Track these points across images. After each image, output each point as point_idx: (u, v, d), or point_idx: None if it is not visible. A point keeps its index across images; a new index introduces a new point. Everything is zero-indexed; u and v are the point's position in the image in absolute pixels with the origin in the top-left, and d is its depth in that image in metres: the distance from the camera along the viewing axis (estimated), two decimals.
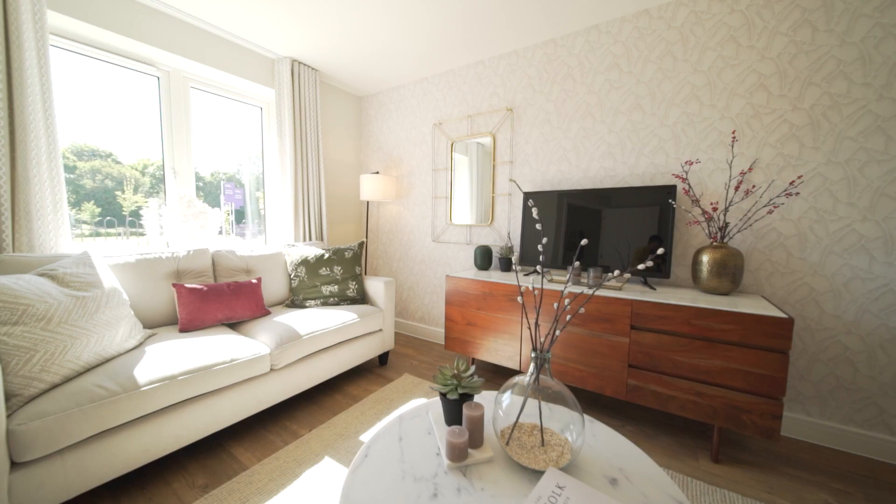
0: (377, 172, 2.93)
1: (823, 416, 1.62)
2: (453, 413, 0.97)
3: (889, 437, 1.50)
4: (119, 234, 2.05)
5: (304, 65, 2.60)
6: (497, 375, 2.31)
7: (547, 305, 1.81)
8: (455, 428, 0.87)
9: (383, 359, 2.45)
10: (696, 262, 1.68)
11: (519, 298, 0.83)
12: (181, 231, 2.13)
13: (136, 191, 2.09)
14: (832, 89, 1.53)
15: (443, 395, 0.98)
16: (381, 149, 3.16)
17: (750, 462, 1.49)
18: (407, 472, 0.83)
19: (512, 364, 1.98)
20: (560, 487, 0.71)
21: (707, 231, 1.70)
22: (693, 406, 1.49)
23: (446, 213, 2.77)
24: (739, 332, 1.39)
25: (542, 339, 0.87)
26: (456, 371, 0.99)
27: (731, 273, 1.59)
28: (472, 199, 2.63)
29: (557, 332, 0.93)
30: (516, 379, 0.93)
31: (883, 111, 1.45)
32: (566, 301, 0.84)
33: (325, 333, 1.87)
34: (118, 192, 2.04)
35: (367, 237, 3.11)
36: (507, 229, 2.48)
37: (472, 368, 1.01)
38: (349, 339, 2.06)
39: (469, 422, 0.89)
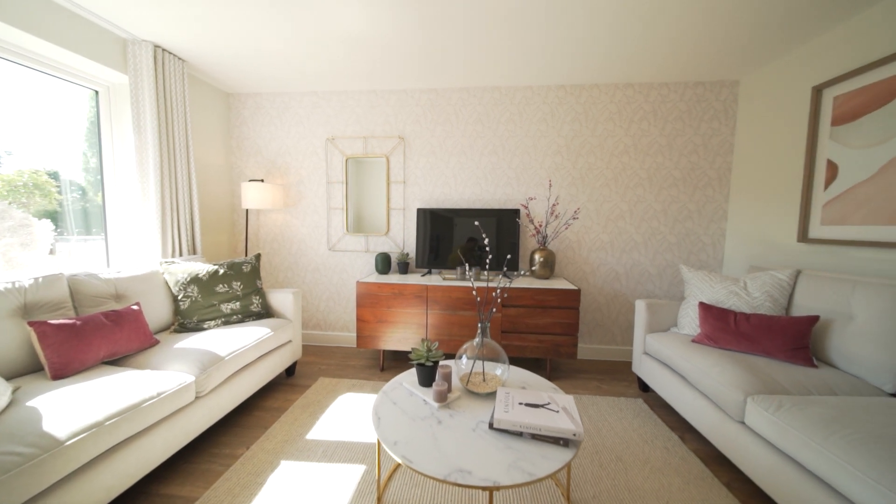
0: (262, 180, 2.79)
1: (592, 342, 2.86)
2: (427, 375, 1.39)
3: (616, 346, 2.84)
4: None
5: (170, 53, 2.25)
6: (400, 362, 2.74)
7: (445, 297, 2.39)
8: (437, 382, 1.31)
9: (290, 370, 2.46)
10: (532, 260, 2.63)
11: (474, 292, 1.35)
12: None
13: None
14: (589, 160, 2.74)
15: (419, 365, 1.39)
16: (261, 154, 2.99)
17: (565, 376, 2.53)
18: (414, 418, 1.21)
19: None
20: (507, 393, 1.27)
21: (537, 239, 2.68)
22: (537, 349, 2.39)
23: (342, 224, 2.96)
24: (556, 300, 2.35)
25: (483, 315, 1.41)
26: (427, 347, 1.41)
27: (550, 265, 2.59)
28: (369, 211, 2.94)
29: (494, 311, 1.45)
30: (466, 345, 1.45)
31: (612, 174, 2.73)
32: (497, 291, 1.42)
33: (245, 351, 1.84)
34: None
35: (247, 247, 2.90)
36: (402, 238, 2.93)
37: (436, 344, 1.45)
38: (265, 354, 2.05)
39: (443, 377, 1.35)
